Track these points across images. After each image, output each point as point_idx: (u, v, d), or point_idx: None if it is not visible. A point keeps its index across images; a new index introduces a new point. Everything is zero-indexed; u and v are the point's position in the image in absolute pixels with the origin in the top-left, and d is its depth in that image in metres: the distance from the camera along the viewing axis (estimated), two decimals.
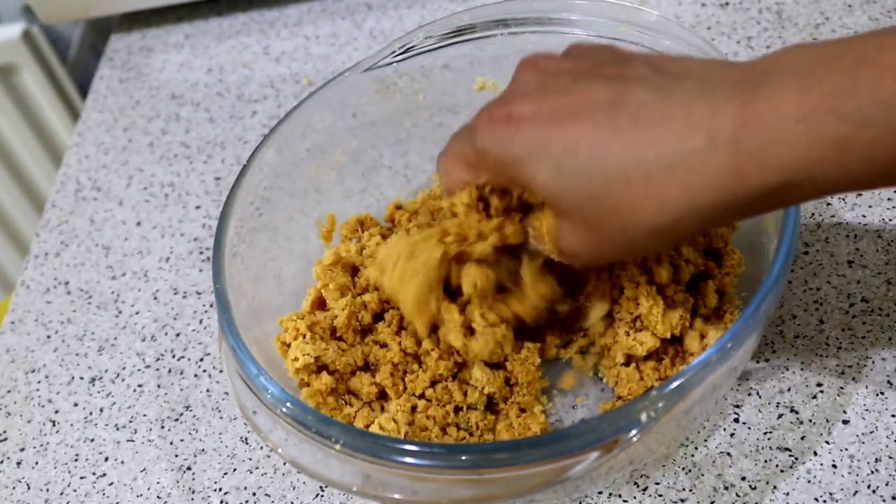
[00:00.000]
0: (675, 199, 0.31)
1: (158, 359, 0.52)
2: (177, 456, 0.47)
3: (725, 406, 0.43)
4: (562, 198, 0.33)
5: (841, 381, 0.43)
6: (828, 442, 0.41)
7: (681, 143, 0.30)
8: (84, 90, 0.96)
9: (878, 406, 0.42)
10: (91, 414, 0.50)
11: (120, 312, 0.55)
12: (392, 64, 0.50)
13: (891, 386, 0.43)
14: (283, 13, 0.75)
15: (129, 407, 0.50)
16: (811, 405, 0.43)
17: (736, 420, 0.43)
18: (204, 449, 0.47)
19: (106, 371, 0.52)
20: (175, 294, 0.56)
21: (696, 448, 0.42)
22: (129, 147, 0.67)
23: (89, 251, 0.60)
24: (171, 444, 0.48)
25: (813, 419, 0.42)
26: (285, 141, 0.48)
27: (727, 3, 0.65)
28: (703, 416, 0.42)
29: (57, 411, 0.51)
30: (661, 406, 0.34)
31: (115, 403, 0.51)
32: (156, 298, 0.56)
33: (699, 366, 0.34)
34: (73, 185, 0.65)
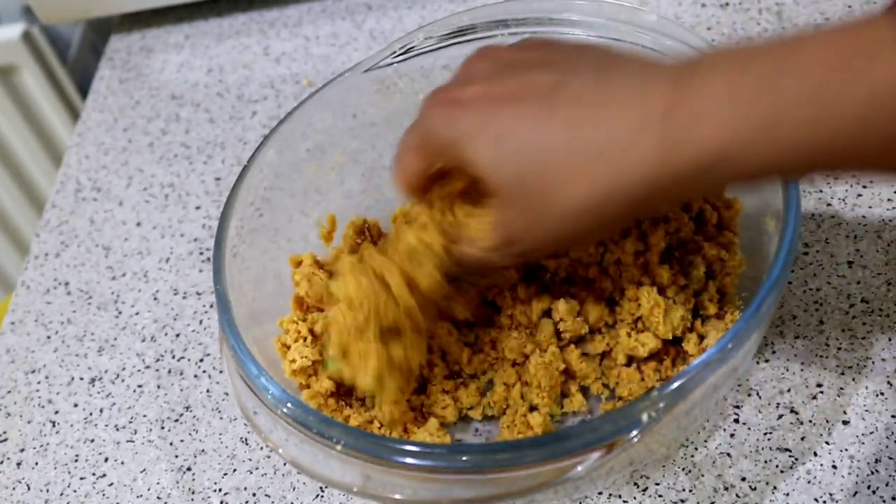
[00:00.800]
0: (605, 177, 0.32)
1: (158, 359, 0.52)
2: (177, 456, 0.47)
3: (725, 406, 0.43)
4: (498, 176, 0.34)
5: (841, 381, 0.43)
6: (828, 442, 0.41)
7: (613, 124, 0.31)
8: (84, 90, 0.96)
9: (878, 406, 0.42)
10: (91, 414, 0.50)
11: (120, 313, 0.55)
12: (392, 64, 0.50)
13: (891, 386, 0.43)
14: (283, 13, 0.75)
15: (129, 407, 0.50)
16: (811, 406, 0.43)
17: (736, 420, 0.43)
18: (204, 449, 0.47)
19: (106, 371, 0.52)
20: (175, 294, 0.56)
21: (696, 448, 0.42)
22: (129, 147, 0.67)
23: (89, 251, 0.60)
24: (171, 444, 0.48)
25: (813, 420, 0.42)
26: (285, 141, 0.48)
27: (727, 4, 0.65)
28: (704, 416, 0.42)
29: (57, 412, 0.51)
30: (662, 406, 0.34)
31: (114, 404, 0.51)
32: (156, 299, 0.56)
33: (700, 366, 0.34)
34: (73, 186, 0.65)
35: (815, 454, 0.41)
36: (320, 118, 0.50)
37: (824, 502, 0.39)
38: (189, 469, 0.46)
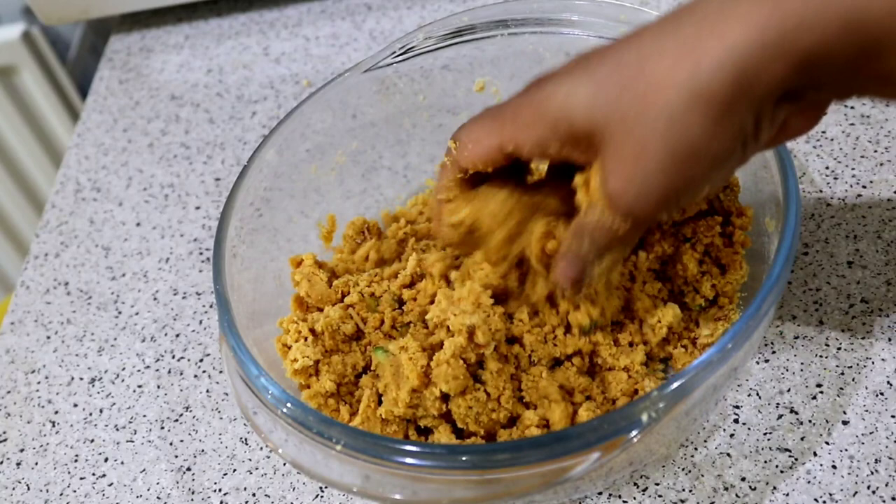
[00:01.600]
0: (710, 49, 0.29)
1: (158, 359, 0.52)
2: (176, 457, 0.47)
3: (725, 407, 0.43)
4: (598, 104, 0.32)
5: (841, 381, 0.43)
6: (828, 442, 0.41)
7: (710, 3, 0.30)
8: (84, 91, 0.97)
9: (877, 407, 0.42)
10: (91, 415, 0.50)
11: (120, 313, 0.55)
12: (392, 65, 0.50)
13: (890, 387, 0.43)
14: (283, 14, 0.75)
15: (129, 408, 0.50)
16: (811, 406, 0.43)
17: (736, 421, 0.43)
18: (204, 450, 0.47)
19: (106, 372, 0.52)
20: (175, 295, 0.56)
21: (696, 449, 0.42)
22: (129, 148, 0.67)
23: (89, 252, 0.60)
24: (171, 444, 0.48)
25: (813, 420, 0.42)
26: (285, 142, 0.48)
27: None
28: (704, 416, 0.42)
29: (57, 412, 0.51)
30: (662, 406, 0.34)
31: (114, 404, 0.51)
32: (155, 299, 0.56)
33: (699, 366, 0.34)
34: (73, 186, 0.65)
35: (815, 454, 0.41)
36: (320, 118, 0.50)
37: (824, 502, 0.39)
38: (189, 469, 0.46)
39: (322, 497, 0.44)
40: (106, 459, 0.48)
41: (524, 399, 0.41)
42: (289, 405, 0.36)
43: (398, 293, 0.45)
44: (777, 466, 0.41)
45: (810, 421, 0.42)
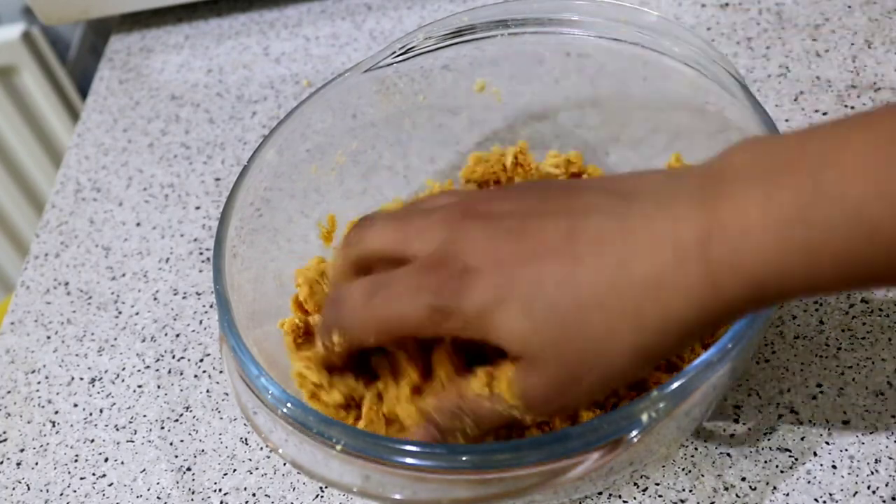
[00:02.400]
0: (653, 316, 0.30)
1: (158, 359, 0.52)
2: (177, 457, 0.47)
3: (725, 407, 0.43)
4: (533, 339, 0.31)
5: (841, 381, 0.43)
6: (828, 442, 0.41)
7: (650, 260, 0.29)
8: (84, 91, 0.97)
9: (877, 407, 0.42)
10: (91, 415, 0.50)
11: (120, 313, 0.55)
12: (392, 65, 0.50)
13: (891, 387, 0.43)
14: (283, 14, 0.75)
15: (129, 408, 0.50)
16: (811, 406, 0.43)
17: (736, 421, 0.43)
18: (204, 450, 0.47)
19: (106, 372, 0.52)
20: (175, 295, 0.56)
21: (696, 449, 0.42)
22: (129, 148, 0.67)
23: (89, 252, 0.60)
24: (171, 444, 0.48)
25: (813, 420, 0.42)
26: (285, 142, 0.48)
27: (727, 4, 0.65)
28: (704, 416, 0.42)
29: (57, 412, 0.51)
30: (662, 407, 0.34)
31: (114, 404, 0.51)
32: (156, 299, 0.56)
33: (700, 366, 0.34)
34: (73, 186, 0.65)
35: (815, 454, 0.41)
36: (320, 118, 0.50)
37: (824, 502, 0.39)
38: (189, 469, 0.46)
39: (322, 497, 0.44)
40: (106, 459, 0.48)
41: None
42: (289, 405, 0.36)
43: None
44: (777, 466, 0.41)
45: (810, 421, 0.42)
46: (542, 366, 0.32)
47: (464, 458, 0.34)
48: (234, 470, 0.46)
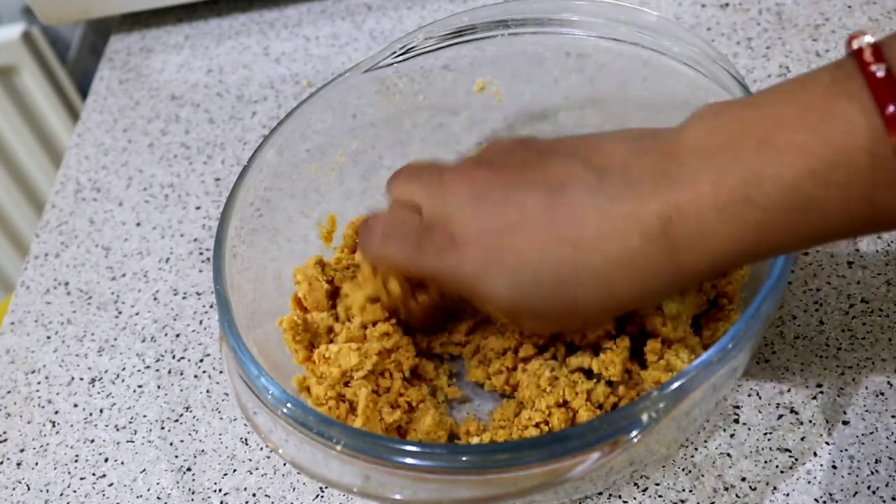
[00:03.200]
0: (624, 289, 0.34)
1: (158, 359, 0.52)
2: (177, 457, 0.47)
3: (725, 407, 0.43)
4: (519, 305, 0.36)
5: (841, 381, 0.43)
6: (828, 443, 0.41)
7: (621, 244, 0.33)
8: (84, 91, 0.97)
9: (878, 407, 0.42)
10: (91, 415, 0.50)
11: (120, 313, 0.55)
12: (392, 65, 0.50)
13: (891, 387, 0.43)
14: (283, 14, 0.75)
15: (129, 408, 0.50)
16: (811, 406, 0.43)
17: (736, 421, 0.43)
18: (204, 450, 0.47)
19: (106, 372, 0.52)
20: (175, 295, 0.56)
21: (696, 449, 0.42)
22: (129, 148, 0.67)
23: (89, 252, 0.60)
24: (171, 444, 0.48)
25: (813, 420, 0.42)
26: (285, 142, 0.48)
27: (727, 4, 0.65)
28: (704, 416, 0.42)
29: (57, 412, 0.51)
30: (662, 407, 0.34)
31: (114, 404, 0.51)
32: (156, 299, 0.56)
33: (700, 366, 0.34)
34: (73, 186, 0.65)
35: (815, 454, 0.41)
36: (320, 118, 0.50)
37: (824, 502, 0.39)
38: (189, 469, 0.46)
39: (322, 497, 0.44)
40: (106, 460, 0.48)
41: None
42: (289, 405, 0.36)
43: None
44: (777, 466, 0.41)
45: (810, 421, 0.42)
46: (527, 319, 0.37)
47: (464, 459, 0.34)
48: (234, 470, 0.46)
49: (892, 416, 0.42)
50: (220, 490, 0.45)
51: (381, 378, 0.43)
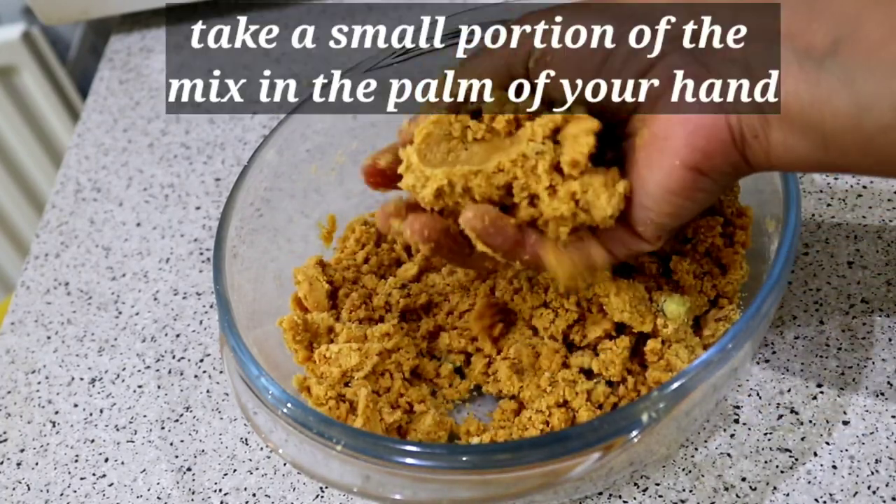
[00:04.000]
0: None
1: (158, 360, 0.52)
2: (177, 457, 0.47)
3: (725, 407, 0.43)
4: None
5: (841, 381, 0.43)
6: (828, 443, 0.41)
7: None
8: (84, 91, 0.97)
9: (878, 407, 0.42)
10: (91, 415, 0.50)
11: (120, 313, 0.55)
12: (392, 64, 0.50)
13: (891, 387, 0.43)
14: (283, 14, 0.75)
15: (129, 408, 0.50)
16: (811, 406, 0.43)
17: (736, 421, 0.43)
18: (204, 450, 0.47)
19: (106, 372, 0.52)
20: (175, 295, 0.56)
21: (697, 449, 0.42)
22: (129, 148, 0.67)
23: (89, 252, 0.60)
24: (171, 444, 0.48)
25: (813, 420, 0.42)
26: (285, 142, 0.48)
27: None
28: (704, 416, 0.42)
29: (57, 412, 0.51)
30: (662, 407, 0.34)
31: (115, 404, 0.51)
32: (156, 299, 0.56)
33: (700, 366, 0.34)
34: (73, 186, 0.65)
35: (815, 454, 0.41)
36: (320, 118, 0.50)
37: (824, 502, 0.39)
38: (189, 469, 0.46)
39: (322, 497, 0.44)
40: (106, 460, 0.48)
41: None
42: (289, 405, 0.36)
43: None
44: (777, 466, 0.41)
45: (810, 421, 0.42)
46: None
47: (464, 459, 0.34)
48: (235, 470, 0.46)
49: (892, 416, 0.42)
50: (220, 490, 0.45)
51: (382, 378, 0.43)
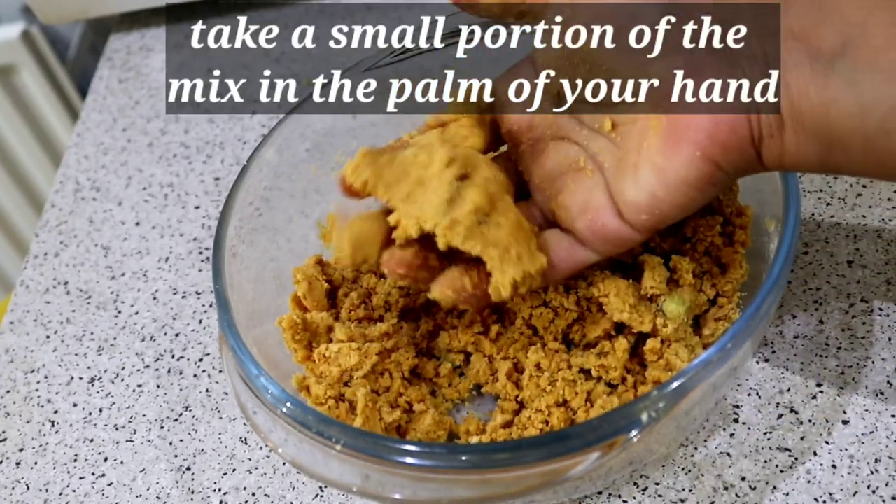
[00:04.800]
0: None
1: (158, 359, 0.52)
2: (176, 456, 0.47)
3: (725, 406, 0.43)
4: None
5: (841, 381, 0.43)
6: (828, 442, 0.41)
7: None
8: (83, 90, 0.97)
9: (877, 406, 0.42)
10: (90, 414, 0.50)
11: (119, 312, 0.55)
12: (392, 64, 0.50)
13: (890, 386, 0.43)
14: (283, 14, 0.75)
15: (129, 407, 0.50)
16: (811, 405, 0.43)
17: (736, 420, 0.43)
18: (203, 449, 0.47)
19: (105, 371, 0.52)
20: (174, 294, 0.56)
21: (696, 448, 0.42)
22: (129, 147, 0.67)
23: (88, 251, 0.60)
24: (171, 444, 0.48)
25: (813, 419, 0.42)
26: (285, 141, 0.48)
27: None
28: (703, 416, 0.42)
29: (56, 411, 0.51)
30: (662, 406, 0.34)
31: (114, 404, 0.51)
32: (155, 298, 0.56)
33: (700, 366, 0.34)
34: (73, 186, 0.65)
35: (815, 454, 0.41)
36: (320, 118, 0.50)
37: (824, 502, 0.39)
38: (188, 469, 0.46)
39: (322, 497, 0.44)
40: (105, 459, 0.48)
41: None
42: (288, 405, 0.36)
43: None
44: (777, 466, 0.41)
45: (810, 421, 0.42)
46: None
47: (464, 458, 0.34)
48: (234, 470, 0.46)
49: (892, 416, 0.42)
50: (219, 489, 0.45)
51: (381, 377, 0.43)
